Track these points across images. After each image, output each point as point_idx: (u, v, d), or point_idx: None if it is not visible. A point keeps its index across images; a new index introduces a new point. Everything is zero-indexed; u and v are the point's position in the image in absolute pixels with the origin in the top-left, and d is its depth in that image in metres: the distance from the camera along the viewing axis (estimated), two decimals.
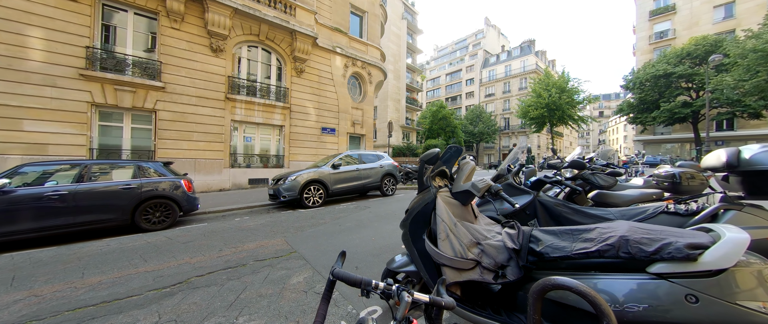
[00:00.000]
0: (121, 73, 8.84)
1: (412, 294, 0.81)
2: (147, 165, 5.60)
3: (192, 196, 5.84)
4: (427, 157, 1.84)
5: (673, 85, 24.31)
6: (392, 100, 34.76)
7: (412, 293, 0.81)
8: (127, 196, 5.12)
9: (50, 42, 7.85)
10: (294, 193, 7.04)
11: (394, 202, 7.65)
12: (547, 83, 26.89)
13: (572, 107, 26.17)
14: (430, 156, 1.83)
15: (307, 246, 3.77)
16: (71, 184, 4.73)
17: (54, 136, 7.92)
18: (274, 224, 5.26)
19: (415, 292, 0.82)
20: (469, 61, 54.61)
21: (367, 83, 15.57)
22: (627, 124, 64.57)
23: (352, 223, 5.18)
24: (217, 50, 10.57)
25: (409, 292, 0.80)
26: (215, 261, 3.28)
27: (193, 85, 10.13)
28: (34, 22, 7.66)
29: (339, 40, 14.16)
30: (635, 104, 27.17)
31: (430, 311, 1.07)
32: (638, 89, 26.45)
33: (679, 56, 23.67)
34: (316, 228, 4.83)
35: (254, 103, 11.52)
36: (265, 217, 6.00)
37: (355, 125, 14.83)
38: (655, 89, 25.16)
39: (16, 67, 7.46)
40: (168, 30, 9.70)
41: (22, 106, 7.52)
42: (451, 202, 1.83)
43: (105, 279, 2.83)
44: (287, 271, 2.92)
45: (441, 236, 1.67)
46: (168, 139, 9.68)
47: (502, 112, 47.75)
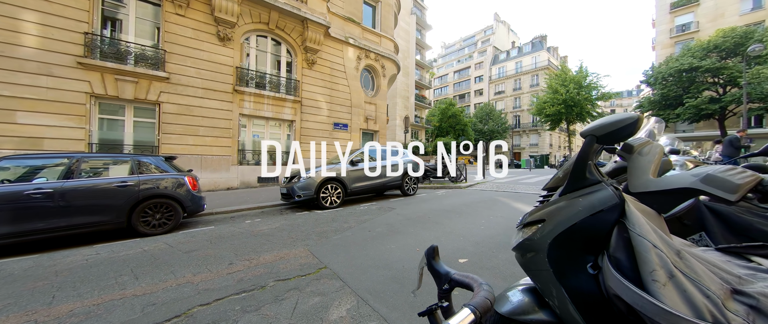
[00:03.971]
0: (122, 62, 8.21)
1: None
2: (146, 160, 4.91)
3: (197, 196, 5.14)
4: (605, 130, 1.01)
5: (699, 80, 23.06)
6: (401, 97, 33.93)
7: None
8: (122, 195, 4.43)
9: (46, 27, 7.23)
10: (310, 193, 6.31)
11: (419, 203, 6.87)
12: (563, 78, 25.81)
13: (591, 103, 25.03)
14: (615, 126, 0.99)
15: (339, 259, 3.01)
16: (57, 181, 4.05)
17: (50, 129, 7.31)
18: (292, 229, 4.53)
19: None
20: (478, 57, 53.46)
21: (381, 76, 14.79)
22: None
23: (383, 227, 4.41)
24: (225, 39, 9.89)
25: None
26: (224, 280, 2.54)
27: (200, 76, 9.47)
28: (28, 5, 7.04)
29: (352, 31, 13.40)
30: (657, 100, 25.93)
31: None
32: (660, 85, 25.24)
33: (706, 49, 22.41)
34: (342, 234, 4.08)
35: (263, 96, 10.84)
36: (280, 220, 5.28)
37: (368, 121, 14.07)
38: (679, 84, 23.93)
39: (9, 54, 6.85)
40: (172, 16, 9.04)
41: (15, 96, 6.92)
42: (646, 212, 1.04)
43: (78, 307, 2.11)
44: (322, 299, 2.16)
45: (657, 276, 0.86)
46: (173, 134, 9.03)
47: (512, 110, 46.58)
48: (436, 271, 0.65)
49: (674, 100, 24.31)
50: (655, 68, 26.23)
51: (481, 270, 2.63)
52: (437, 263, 0.66)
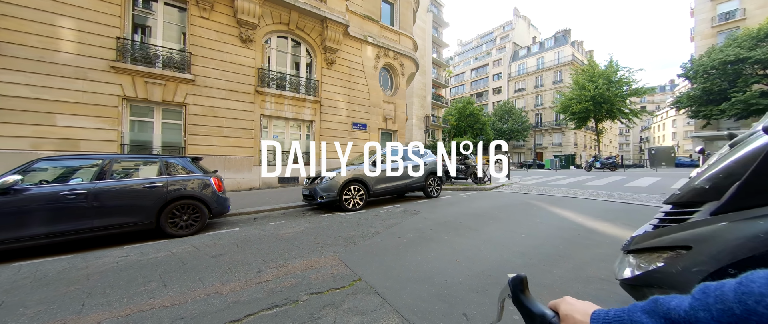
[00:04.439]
0: (151, 66, 8.44)
1: None
2: (174, 161, 4.92)
3: (222, 197, 5.10)
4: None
5: (747, 72, 21.04)
6: (417, 96, 33.45)
7: None
8: (152, 196, 4.43)
9: (81, 33, 7.54)
10: (333, 194, 6.15)
11: (445, 206, 6.54)
12: (591, 74, 24.37)
13: (623, 99, 23.46)
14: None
15: (372, 270, 2.78)
16: (90, 183, 4.09)
17: (86, 131, 7.62)
18: (317, 232, 4.36)
19: None
20: (497, 54, 51.90)
21: (399, 75, 14.52)
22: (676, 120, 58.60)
23: (412, 233, 4.15)
24: (247, 40, 9.98)
25: None
26: (254, 291, 2.37)
27: (223, 78, 9.61)
28: (65, 12, 7.36)
29: (370, 29, 13.21)
30: (697, 96, 23.95)
31: None
32: (701, 78, 23.31)
33: (755, 38, 20.39)
34: (371, 240, 3.85)
35: (284, 96, 10.87)
36: (303, 222, 5.14)
37: (387, 120, 13.84)
38: (724, 78, 21.98)
39: (49, 59, 7.19)
40: (197, 19, 9.21)
41: (54, 99, 7.25)
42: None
43: (107, 318, 2.00)
44: (362, 319, 1.93)
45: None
46: (198, 135, 9.21)
47: (533, 108, 44.82)
48: (528, 308, 0.51)
49: (718, 95, 22.36)
50: (695, 61, 24.26)
51: (538, 289, 2.30)
52: (528, 298, 0.52)
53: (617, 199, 6.84)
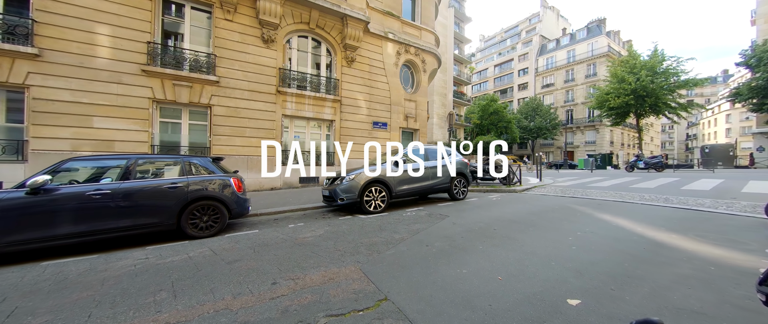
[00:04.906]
0: (178, 68, 8.68)
1: None
2: (195, 161, 4.86)
3: (242, 198, 4.98)
4: None
5: None
6: (438, 94, 32.60)
7: None
8: (173, 196, 4.38)
9: (116, 39, 7.87)
10: (353, 196, 5.87)
11: (474, 209, 6.03)
12: (632, 65, 22.23)
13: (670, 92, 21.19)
14: None
15: (400, 287, 2.41)
16: (115, 183, 4.10)
17: (120, 132, 7.95)
18: (337, 237, 4.07)
19: None
20: (522, 49, 49.45)
21: (421, 72, 14.02)
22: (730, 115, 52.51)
23: (441, 241, 3.73)
24: (269, 41, 10.02)
25: None
26: (267, 308, 2.10)
27: (246, 79, 9.71)
28: (101, 20, 7.71)
29: (391, 25, 12.85)
30: (761, 86, 21.13)
31: None
32: (765, 66, 20.53)
33: None
34: (396, 248, 3.49)
35: (305, 96, 10.81)
36: (323, 225, 4.89)
37: (408, 119, 13.41)
38: None
39: (87, 65, 7.57)
40: (221, 22, 9.36)
41: (92, 103, 7.62)
42: None
43: None
44: None
45: None
46: (222, 136, 9.36)
47: (563, 104, 42.15)
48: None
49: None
50: (758, 46, 21.45)
51: (609, 322, 1.82)
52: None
53: (677, 205, 5.94)
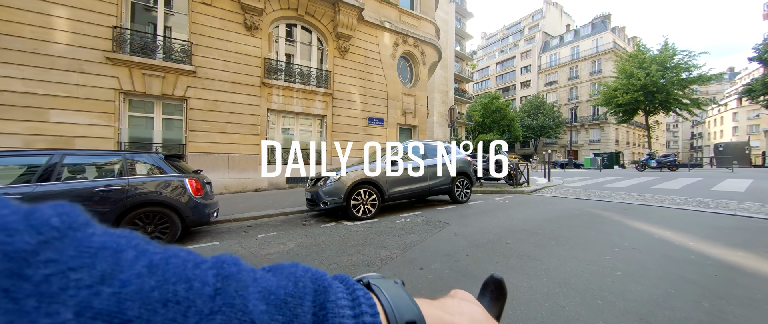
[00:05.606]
0: (150, 56, 7.82)
1: None
2: (140, 158, 4.01)
3: (202, 203, 4.11)
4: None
5: None
6: (439, 92, 31.70)
7: None
8: (108, 201, 3.54)
9: (76, 22, 7.02)
10: (338, 199, 5.01)
11: (479, 215, 5.16)
12: (641, 60, 21.29)
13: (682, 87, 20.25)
14: None
15: None
16: (30, 186, 3.26)
17: (81, 127, 7.10)
18: (308, 254, 3.22)
19: None
20: (525, 46, 48.47)
21: (420, 64, 13.14)
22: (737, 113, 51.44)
23: (440, 261, 2.87)
24: (252, 28, 9.15)
25: None
26: None
27: (227, 69, 8.85)
28: (59, 1, 6.86)
29: (387, 14, 11.98)
30: None
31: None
32: None
33: None
34: (379, 271, 2.62)
35: (293, 89, 9.95)
36: (298, 236, 4.03)
37: (405, 114, 12.54)
38: None
39: (42, 51, 6.71)
40: (199, 6, 8.50)
41: (48, 94, 6.77)
42: None
43: None
44: None
45: None
46: (200, 132, 8.51)
47: (567, 102, 41.19)
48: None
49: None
50: None
51: None
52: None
53: (717, 210, 5.06)
